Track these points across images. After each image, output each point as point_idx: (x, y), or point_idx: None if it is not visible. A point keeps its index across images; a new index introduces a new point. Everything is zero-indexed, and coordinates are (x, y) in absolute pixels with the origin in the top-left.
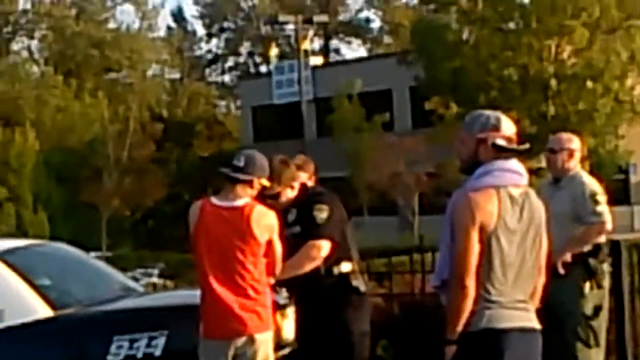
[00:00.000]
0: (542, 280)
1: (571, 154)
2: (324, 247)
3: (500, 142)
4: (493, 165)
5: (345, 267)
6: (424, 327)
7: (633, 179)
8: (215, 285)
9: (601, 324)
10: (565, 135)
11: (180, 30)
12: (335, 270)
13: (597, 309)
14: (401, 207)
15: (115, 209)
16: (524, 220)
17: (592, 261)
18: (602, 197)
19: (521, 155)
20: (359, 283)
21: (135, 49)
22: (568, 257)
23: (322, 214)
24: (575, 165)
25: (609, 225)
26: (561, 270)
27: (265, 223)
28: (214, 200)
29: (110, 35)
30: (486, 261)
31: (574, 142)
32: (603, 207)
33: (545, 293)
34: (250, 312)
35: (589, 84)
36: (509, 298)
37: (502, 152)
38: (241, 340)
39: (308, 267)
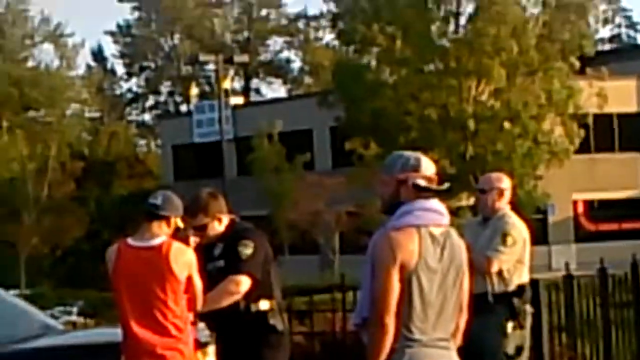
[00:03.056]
0: (463, 318)
1: (501, 193)
2: (244, 282)
3: (421, 182)
4: (414, 205)
5: (264, 305)
6: None
7: (551, 219)
8: (136, 325)
9: None
10: (494, 175)
11: (100, 69)
12: (253, 308)
13: (519, 349)
14: (322, 246)
15: (34, 247)
16: (445, 259)
17: (516, 301)
18: (511, 240)
19: (441, 195)
20: (277, 322)
21: (54, 87)
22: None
23: (246, 249)
24: (504, 205)
25: (494, 268)
26: None
27: (184, 260)
28: (130, 241)
29: (29, 74)
30: (407, 300)
31: (504, 182)
32: (505, 249)
33: (466, 331)
34: (173, 351)
35: (507, 124)
36: (430, 337)
37: (423, 192)
38: None
39: (226, 301)
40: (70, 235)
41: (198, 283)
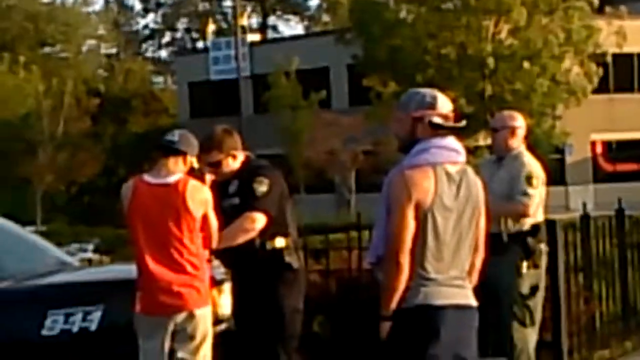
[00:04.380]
0: (480, 257)
1: (513, 131)
2: (259, 220)
3: (437, 120)
4: (430, 143)
5: (280, 242)
6: (360, 303)
7: (568, 159)
8: (152, 263)
9: (537, 303)
10: (507, 113)
11: (117, 4)
12: (269, 245)
13: (534, 289)
14: (338, 185)
15: (50, 184)
16: (460, 197)
17: (530, 241)
18: (537, 181)
19: (458, 133)
20: (292, 259)
21: (70, 22)
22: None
23: (261, 187)
24: (518, 144)
25: (530, 210)
26: None
27: (200, 198)
28: (147, 177)
29: (45, 9)
30: (422, 238)
31: (517, 120)
32: (534, 191)
33: (483, 270)
34: (189, 288)
35: (526, 64)
36: (445, 275)
37: (439, 130)
38: (181, 316)
39: (241, 238)
40: (85, 172)
41: (214, 221)
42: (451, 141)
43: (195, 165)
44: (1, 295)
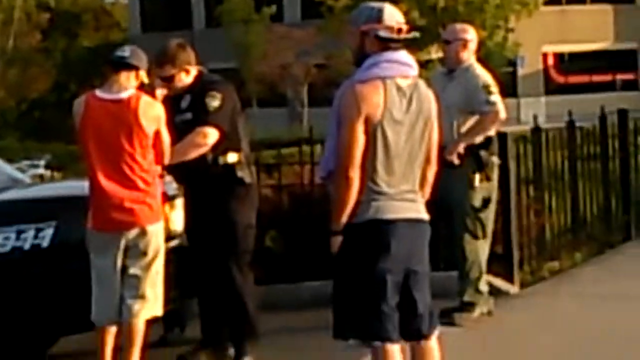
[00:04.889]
0: (432, 170)
1: (465, 44)
2: (211, 134)
3: (383, 33)
4: (381, 57)
5: (232, 157)
6: (312, 218)
7: (520, 71)
8: (104, 179)
9: (489, 216)
10: (459, 26)
11: None
12: (221, 160)
13: (486, 201)
14: (290, 99)
15: (0, 100)
16: (411, 111)
17: (482, 153)
18: (494, 88)
19: (411, 48)
20: (245, 174)
21: None
22: (461, 148)
23: (214, 101)
24: (469, 57)
25: (502, 114)
26: (456, 161)
27: (152, 114)
28: (98, 93)
29: None
30: (372, 152)
31: (469, 33)
32: (496, 97)
33: (436, 184)
34: (141, 204)
35: None
36: (396, 189)
37: (389, 44)
38: (132, 233)
39: (194, 153)
40: (36, 87)
41: (166, 136)
42: (403, 55)
43: (145, 80)
44: None
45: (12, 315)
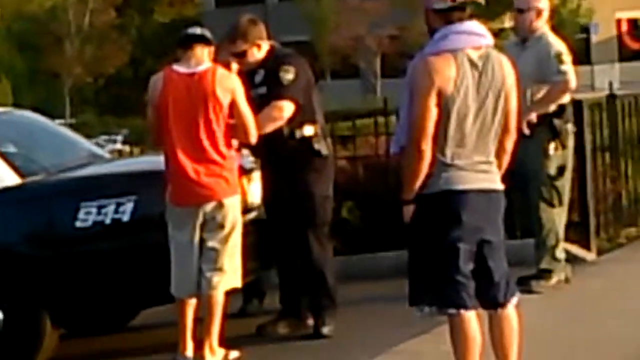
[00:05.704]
0: (510, 138)
1: (539, 13)
2: (287, 108)
3: (438, 5)
4: (448, 30)
5: (308, 130)
6: (388, 188)
7: (594, 38)
8: (181, 153)
9: (564, 184)
10: None
11: None
12: (298, 134)
13: (561, 169)
14: (363, 70)
15: (78, 77)
16: (483, 82)
17: (557, 122)
18: (567, 57)
19: (478, 16)
20: (321, 146)
21: None
22: (534, 117)
23: (288, 75)
24: (542, 25)
25: (572, 83)
26: (527, 131)
27: (228, 85)
28: (176, 67)
29: None
30: (443, 125)
31: (542, 1)
32: (568, 67)
33: (515, 152)
34: (218, 177)
35: None
36: (468, 161)
37: (449, 15)
38: (210, 206)
39: (270, 127)
40: (112, 63)
41: (246, 110)
42: (472, 25)
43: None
44: (35, 189)
45: (94, 288)
